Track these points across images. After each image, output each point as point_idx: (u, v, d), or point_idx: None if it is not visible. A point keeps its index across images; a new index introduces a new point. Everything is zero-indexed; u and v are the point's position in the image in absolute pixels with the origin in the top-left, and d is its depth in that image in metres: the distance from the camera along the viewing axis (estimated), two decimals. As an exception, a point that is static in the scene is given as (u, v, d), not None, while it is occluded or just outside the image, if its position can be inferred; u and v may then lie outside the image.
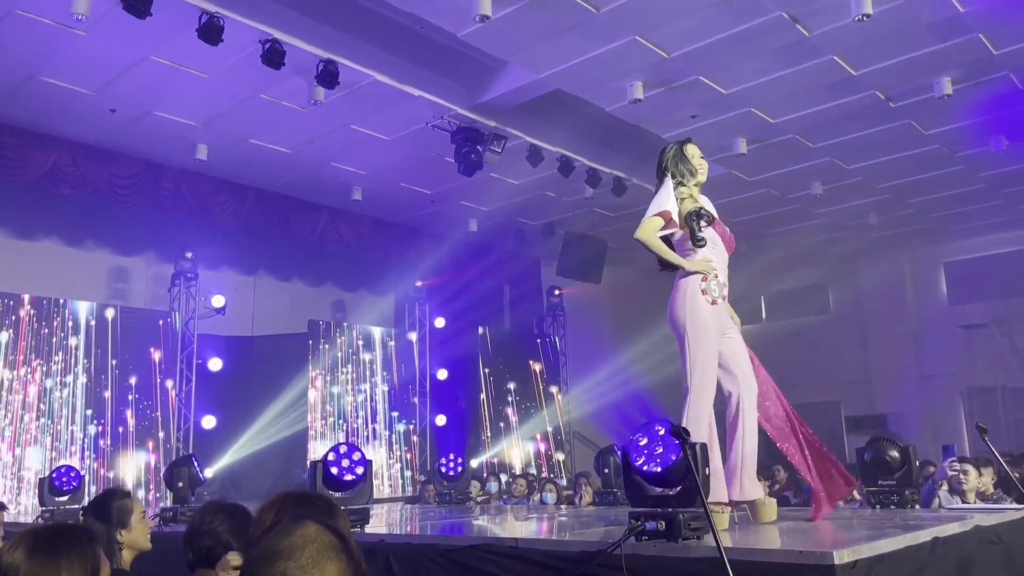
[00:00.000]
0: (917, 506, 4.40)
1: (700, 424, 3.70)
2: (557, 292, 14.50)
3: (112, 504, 3.27)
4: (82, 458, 9.33)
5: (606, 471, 6.56)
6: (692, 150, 4.18)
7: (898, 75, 8.21)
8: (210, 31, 6.71)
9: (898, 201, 12.26)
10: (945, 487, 6.17)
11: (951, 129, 9.63)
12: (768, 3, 6.85)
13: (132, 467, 9.75)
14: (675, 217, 3.94)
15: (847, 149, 10.18)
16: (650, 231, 3.94)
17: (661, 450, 2.96)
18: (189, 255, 10.48)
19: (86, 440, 9.46)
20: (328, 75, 7.53)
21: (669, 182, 4.06)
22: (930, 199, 12.24)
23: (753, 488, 3.84)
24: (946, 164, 10.75)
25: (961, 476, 5.89)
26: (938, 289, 15.29)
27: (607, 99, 8.68)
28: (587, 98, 8.77)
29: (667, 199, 3.97)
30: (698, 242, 3.91)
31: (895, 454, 4.43)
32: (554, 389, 14.31)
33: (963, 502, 5.79)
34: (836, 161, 10.58)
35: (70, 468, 6.57)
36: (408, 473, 12.33)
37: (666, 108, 8.88)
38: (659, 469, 2.93)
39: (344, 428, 11.64)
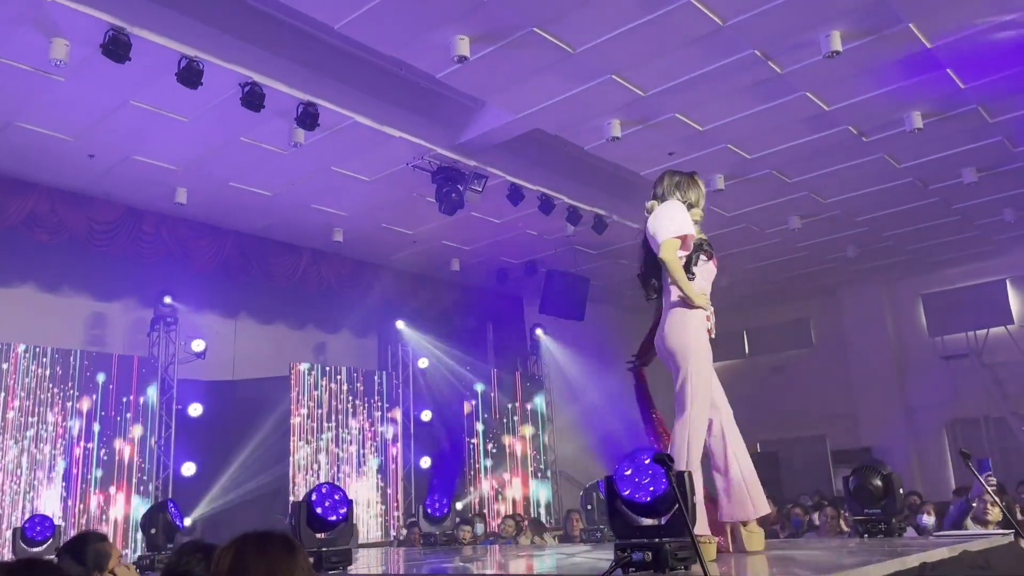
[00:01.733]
0: (905, 534, 4.38)
1: (694, 451, 3.65)
2: (540, 330, 14.48)
3: (88, 547, 3.19)
4: (63, 506, 9.12)
5: (589, 508, 6.50)
6: (701, 182, 4.15)
7: (870, 110, 8.39)
8: (189, 75, 6.75)
9: (875, 234, 12.43)
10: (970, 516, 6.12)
11: (923, 162, 9.81)
12: (741, 41, 6.99)
13: (109, 514, 9.52)
14: (690, 242, 3.87)
15: (823, 183, 10.33)
16: (675, 252, 3.79)
17: (648, 479, 2.93)
18: (168, 300, 10.39)
19: (62, 488, 9.25)
20: (308, 117, 7.57)
21: (680, 203, 3.94)
22: (906, 231, 12.41)
23: (762, 504, 3.82)
24: (920, 197, 10.93)
25: (988, 507, 5.83)
26: (917, 321, 15.42)
27: (585, 137, 8.79)
28: (565, 137, 8.88)
29: (686, 221, 3.85)
30: (691, 274, 3.84)
31: (878, 483, 4.42)
32: (538, 427, 14.21)
33: None
34: (813, 195, 10.73)
35: (44, 517, 6.41)
36: (395, 514, 12.14)
37: (644, 145, 8.99)
38: (648, 499, 2.90)
39: (326, 471, 11.47)
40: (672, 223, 3.86)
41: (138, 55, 6.44)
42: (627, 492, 2.93)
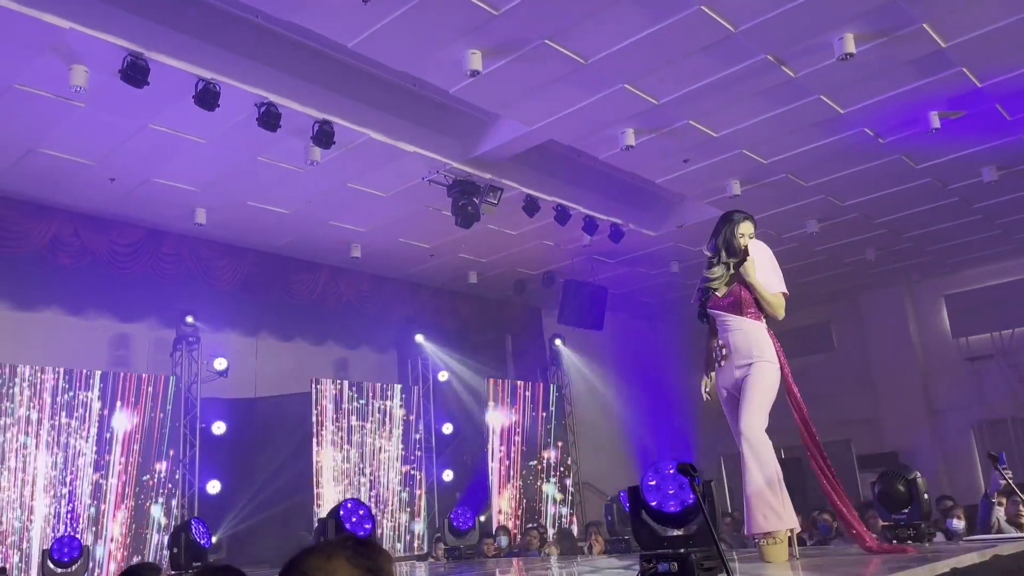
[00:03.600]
0: (934, 539, 4.32)
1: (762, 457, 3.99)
2: (559, 340, 14.45)
3: None
4: (96, 527, 9.19)
5: (609, 519, 6.48)
6: (738, 220, 4.52)
7: (885, 111, 8.33)
8: (206, 97, 6.83)
9: (895, 235, 12.32)
10: (1002, 514, 6.03)
11: (942, 162, 9.73)
12: (753, 47, 6.98)
13: (136, 534, 9.59)
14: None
15: (840, 186, 10.26)
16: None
17: (674, 490, 2.92)
18: (190, 319, 10.49)
19: (88, 508, 9.33)
20: (324, 135, 7.64)
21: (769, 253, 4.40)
22: (926, 232, 12.29)
23: (760, 522, 3.84)
24: (940, 197, 10.83)
25: (1022, 508, 5.76)
26: (940, 322, 15.25)
27: (599, 147, 8.80)
28: (579, 147, 8.89)
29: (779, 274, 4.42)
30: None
31: (902, 488, 4.38)
32: (561, 438, 14.16)
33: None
34: (830, 198, 10.66)
35: (72, 538, 6.49)
36: (417, 528, 12.13)
37: (658, 153, 8.99)
38: (678, 508, 2.89)
39: (350, 487, 11.49)
40: (777, 279, 4.55)
41: (156, 79, 6.54)
42: (654, 502, 2.92)
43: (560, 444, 14.08)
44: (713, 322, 4.42)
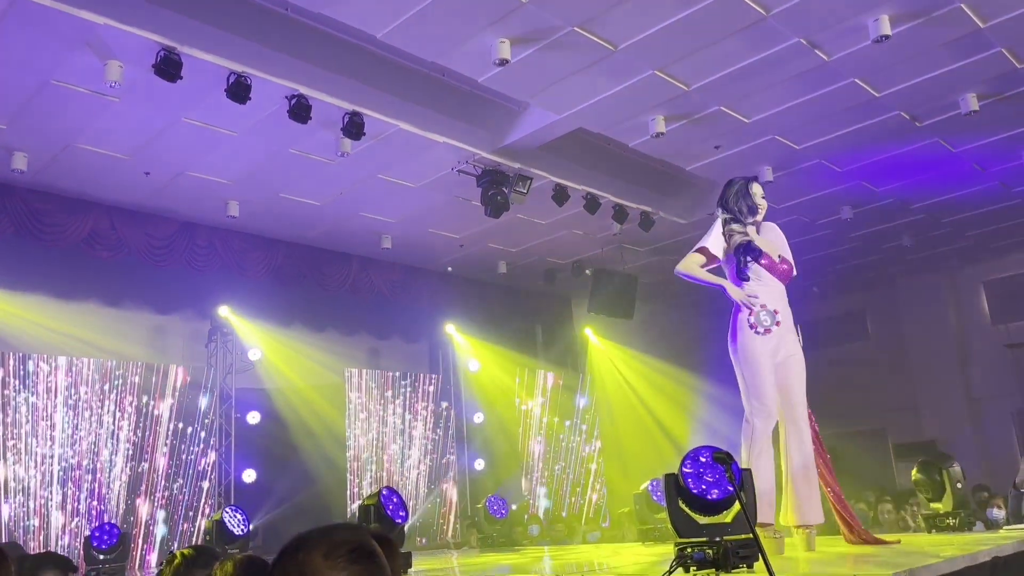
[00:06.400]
0: (974, 528, 4.26)
1: (756, 442, 3.87)
2: (589, 329, 14.42)
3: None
4: (133, 516, 9.39)
5: (638, 507, 6.48)
6: (756, 188, 4.51)
7: (922, 94, 8.16)
8: (238, 90, 6.90)
9: (932, 221, 12.09)
10: None
11: (980, 145, 9.51)
12: (785, 30, 6.88)
13: (173, 522, 9.78)
14: (716, 253, 4.22)
15: (875, 171, 10.08)
16: (689, 264, 4.24)
17: (713, 478, 2.91)
18: (224, 310, 10.62)
19: (127, 496, 9.53)
20: (354, 127, 7.68)
21: (719, 220, 4.32)
22: (965, 217, 12.04)
23: (811, 513, 3.82)
24: (978, 181, 10.60)
25: None
26: (980, 308, 14.95)
27: (629, 135, 8.73)
28: (609, 135, 8.83)
29: (711, 235, 4.26)
30: (743, 277, 4.18)
31: (938, 477, 4.33)
32: (590, 428, 14.15)
33: None
34: (865, 184, 10.49)
35: (112, 526, 6.62)
36: (451, 518, 12.21)
37: (689, 140, 8.91)
38: (719, 496, 2.88)
39: (383, 475, 11.60)
40: (701, 240, 4.37)
41: (189, 73, 6.61)
42: (696, 490, 2.91)
43: (590, 433, 14.07)
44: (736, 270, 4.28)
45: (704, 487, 2.90)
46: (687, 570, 2.83)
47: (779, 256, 4.24)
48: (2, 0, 5.93)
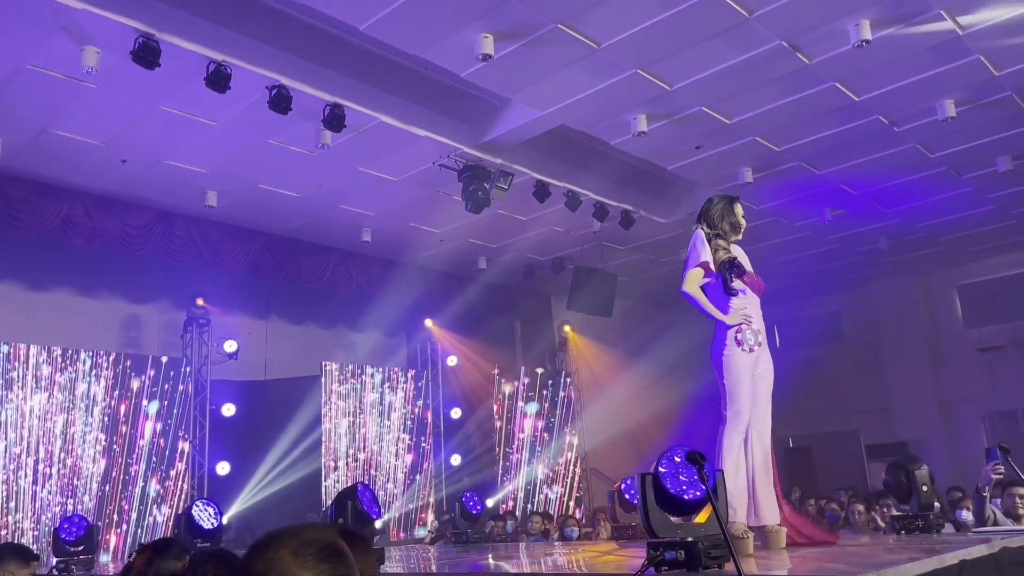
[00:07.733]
0: (943, 530, 4.31)
1: (731, 452, 3.98)
2: (568, 327, 14.45)
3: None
4: (103, 508, 9.29)
5: (610, 505, 6.49)
6: (739, 208, 4.45)
7: (900, 99, 8.25)
8: (218, 79, 6.82)
9: (908, 225, 12.23)
10: (997, 507, 5.99)
11: (957, 151, 9.63)
12: (768, 33, 6.91)
13: (145, 516, 9.69)
14: (712, 267, 4.25)
15: (853, 174, 10.18)
16: (694, 284, 4.22)
17: (689, 478, 2.92)
18: (200, 301, 10.52)
19: (97, 488, 9.42)
20: (335, 119, 7.62)
21: (702, 233, 4.31)
22: (940, 222, 12.19)
23: (768, 514, 3.92)
24: (954, 186, 10.73)
25: (1018, 500, 5.71)
26: (953, 312, 15.16)
27: (611, 133, 8.75)
28: (591, 133, 8.84)
29: (704, 250, 4.25)
30: (730, 292, 4.20)
31: (904, 479, 4.38)
32: (568, 424, 14.19)
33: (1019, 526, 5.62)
34: (843, 187, 10.58)
35: (80, 517, 6.52)
36: (426, 514, 12.19)
37: (670, 140, 8.93)
38: (698, 495, 2.90)
39: (358, 470, 11.55)
40: (691, 256, 4.29)
41: (167, 61, 6.52)
42: (672, 490, 2.92)
43: (567, 430, 14.11)
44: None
45: (681, 487, 2.91)
46: (659, 570, 2.84)
47: (752, 270, 4.33)
48: (-24, -18, 5.83)
